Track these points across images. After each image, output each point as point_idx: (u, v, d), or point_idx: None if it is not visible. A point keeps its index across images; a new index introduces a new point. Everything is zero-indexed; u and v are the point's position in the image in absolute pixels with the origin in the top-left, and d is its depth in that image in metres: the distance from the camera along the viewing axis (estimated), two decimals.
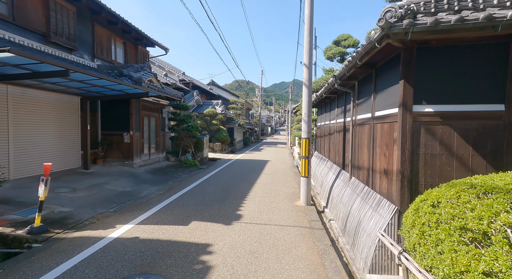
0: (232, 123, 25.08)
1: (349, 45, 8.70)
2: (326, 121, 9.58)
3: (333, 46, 8.88)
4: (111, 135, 10.12)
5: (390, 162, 3.72)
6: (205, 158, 15.84)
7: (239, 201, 6.63)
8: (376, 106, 4.39)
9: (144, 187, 7.84)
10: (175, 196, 6.95)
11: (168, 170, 10.82)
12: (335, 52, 8.72)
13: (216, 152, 19.69)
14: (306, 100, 6.62)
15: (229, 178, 9.75)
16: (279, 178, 10.12)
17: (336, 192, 6.19)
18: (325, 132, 9.79)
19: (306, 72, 6.62)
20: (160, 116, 12.16)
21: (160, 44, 14.55)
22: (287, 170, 12.29)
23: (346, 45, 8.70)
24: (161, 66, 21.94)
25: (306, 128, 6.63)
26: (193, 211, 5.72)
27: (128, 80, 9.11)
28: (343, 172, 6.42)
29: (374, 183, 4.36)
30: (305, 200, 6.53)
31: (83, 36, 10.05)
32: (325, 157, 9.67)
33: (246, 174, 10.88)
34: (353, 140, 5.65)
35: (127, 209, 5.75)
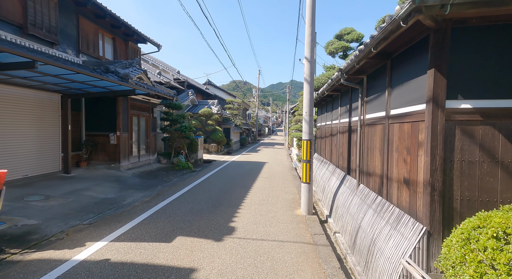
0: (229, 123, 24.37)
1: (352, 39, 8.05)
2: (328, 122, 8.92)
3: (335, 41, 8.22)
4: (96, 136, 9.38)
5: (413, 169, 3.05)
6: (199, 159, 15.12)
7: (233, 210, 5.93)
8: (392, 103, 3.72)
9: (129, 193, 7.12)
10: (162, 204, 6.24)
11: (158, 173, 10.09)
12: (337, 47, 8.06)
13: (211, 153, 18.97)
14: (308, 98, 5.95)
15: (223, 182, 9.05)
16: (277, 182, 9.44)
17: (341, 200, 5.52)
18: (326, 133, 9.13)
19: (307, 67, 5.95)
20: (151, 116, 11.43)
21: (152, 40, 13.82)
22: (285, 173, 11.61)
23: (350, 39, 8.05)
24: (155, 64, 21.18)
25: (308, 129, 5.95)
26: (180, 222, 5.02)
27: (114, 77, 8.39)
28: (349, 178, 5.76)
29: (390, 193, 3.69)
30: (307, 209, 5.85)
31: (66, 29, 9.30)
32: (326, 159, 9.01)
33: (242, 177, 10.19)
34: (361, 142, 4.98)
35: (104, 220, 5.03)
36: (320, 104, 10.57)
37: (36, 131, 7.52)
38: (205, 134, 19.52)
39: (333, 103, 8.15)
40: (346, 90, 6.45)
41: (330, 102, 8.62)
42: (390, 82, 3.80)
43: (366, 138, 4.81)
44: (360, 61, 4.05)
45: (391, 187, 3.67)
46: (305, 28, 6.06)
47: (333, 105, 8.15)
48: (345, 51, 8.30)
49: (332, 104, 8.25)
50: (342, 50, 8.19)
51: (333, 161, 7.94)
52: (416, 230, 2.80)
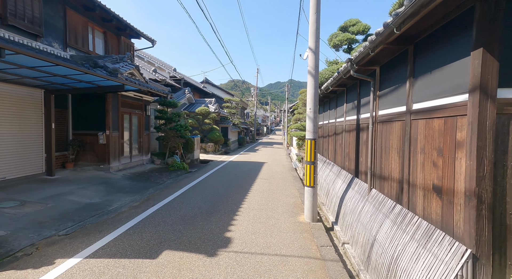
0: (226, 122, 23.78)
1: (358, 31, 7.47)
2: (331, 120, 8.36)
3: (340, 33, 7.64)
4: (84, 135, 8.76)
5: (448, 175, 2.48)
6: (195, 159, 14.52)
7: (229, 217, 5.35)
8: (415, 96, 3.15)
9: (117, 197, 6.52)
10: (151, 210, 5.65)
11: (151, 174, 9.49)
12: (342, 39, 7.48)
13: (208, 153, 18.37)
14: (312, 92, 5.37)
15: (220, 184, 8.47)
16: (277, 184, 8.87)
17: (349, 206, 4.95)
18: (329, 132, 8.57)
19: (311, 58, 5.37)
20: (143, 114, 10.81)
21: (145, 35, 13.20)
22: (285, 174, 11.04)
23: (355, 31, 7.47)
24: (150, 62, 20.53)
25: (312, 127, 5.38)
26: (169, 232, 4.43)
27: (102, 71, 7.78)
28: (358, 181, 5.19)
29: (412, 202, 3.13)
30: (311, 216, 5.28)
31: (52, 21, 8.67)
32: (330, 160, 8.45)
33: (240, 178, 9.61)
34: (373, 141, 4.41)
35: (83, 230, 4.43)
36: (322, 102, 10.01)
37: (15, 130, 6.89)
38: (202, 134, 18.92)
39: (337, 100, 7.59)
40: (353, 85, 5.88)
41: (333, 99, 8.05)
42: (412, 71, 3.23)
43: (379, 137, 4.25)
44: (376, 48, 3.48)
45: (414, 194, 3.10)
46: (305, 20, 5.48)
47: (337, 102, 7.58)
48: (350, 43, 7.72)
49: (336, 101, 7.68)
50: (347, 43, 7.61)
51: (337, 162, 7.38)
52: (456, 252, 2.23)
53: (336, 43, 7.68)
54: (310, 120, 5.39)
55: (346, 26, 7.58)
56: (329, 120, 8.68)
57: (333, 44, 7.76)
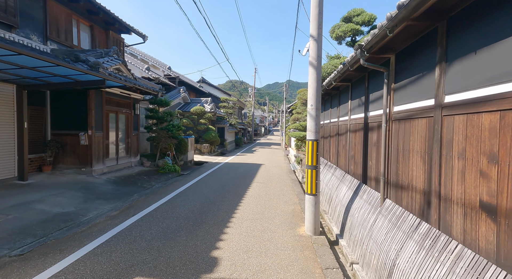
0: (223, 122, 23.05)
1: (363, 21, 6.78)
2: (333, 119, 7.66)
3: (343, 24, 6.95)
4: (64, 135, 8.00)
5: (510, 190, 1.79)
6: (189, 161, 13.78)
7: (218, 229, 4.63)
8: (448, 85, 2.46)
9: (94, 205, 5.78)
10: (130, 221, 4.91)
11: (138, 178, 8.74)
12: (345, 30, 6.79)
13: (203, 154, 17.63)
14: (314, 86, 4.67)
15: (212, 189, 7.74)
16: (274, 188, 8.15)
17: (357, 217, 4.25)
18: (331, 133, 7.87)
19: (314, 47, 4.67)
20: (132, 113, 10.07)
21: (136, 30, 12.46)
22: (283, 177, 10.34)
23: (360, 21, 6.77)
24: (144, 59, 19.77)
25: (314, 127, 4.67)
26: (145, 251, 3.70)
27: (83, 65, 7.05)
28: (366, 189, 4.48)
29: (446, 221, 2.42)
30: (312, 228, 4.57)
31: (30, 11, 7.92)
32: (332, 162, 7.75)
33: (235, 182, 8.88)
34: (387, 142, 3.72)
35: (43, 248, 3.70)
36: (323, 100, 9.32)
37: None
38: (197, 134, 18.19)
39: (340, 97, 6.89)
40: (360, 79, 5.18)
41: (336, 96, 7.36)
42: (444, 54, 2.53)
43: (394, 137, 3.55)
44: (396, 27, 2.78)
45: (447, 211, 2.41)
46: (305, 14, 4.78)
47: (340, 100, 6.89)
48: (354, 35, 7.03)
49: (338, 98, 6.98)
50: (351, 34, 6.92)
51: (340, 165, 6.68)
52: None
53: (339, 35, 6.98)
54: (311, 119, 4.69)
55: (350, 16, 6.89)
56: (330, 120, 7.99)
57: (335, 35, 7.07)
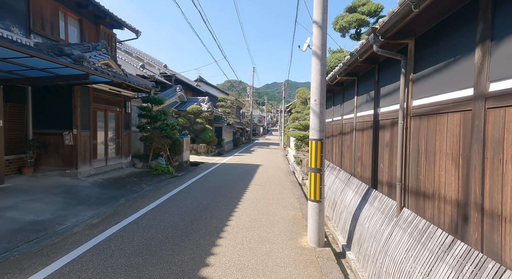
0: (221, 122, 22.49)
1: (369, 11, 6.25)
2: (336, 117, 7.14)
3: (346, 14, 6.41)
4: (47, 135, 7.42)
5: None
6: (185, 162, 13.22)
7: (210, 240, 4.08)
8: (495, 70, 1.92)
9: (75, 211, 5.21)
10: (111, 230, 4.36)
11: (128, 180, 8.17)
12: (350, 21, 6.24)
13: (200, 154, 17.06)
14: (318, 79, 4.12)
15: (206, 192, 7.19)
16: (273, 191, 7.61)
17: (368, 228, 3.71)
18: (334, 132, 7.34)
19: (318, 35, 4.12)
20: (122, 111, 9.49)
21: (128, 25, 11.88)
22: (282, 178, 9.80)
23: (365, 11, 6.25)
24: (139, 57, 19.18)
25: (318, 124, 4.14)
26: (121, 270, 3.14)
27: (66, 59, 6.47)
28: (378, 195, 3.95)
29: (494, 243, 1.89)
30: (316, 239, 4.03)
31: (10, 2, 7.34)
32: (335, 164, 7.22)
33: (231, 185, 8.33)
34: (405, 142, 3.18)
35: (2, 267, 3.13)
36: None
37: None
38: (193, 134, 17.62)
39: (344, 93, 6.36)
40: (368, 72, 4.65)
41: (339, 93, 6.83)
42: (488, 30, 1.99)
43: (414, 136, 3.01)
44: (424, 0, 2.24)
45: (496, 230, 1.87)
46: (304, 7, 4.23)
47: (344, 96, 6.36)
48: (359, 26, 6.48)
49: (342, 94, 6.45)
50: (356, 25, 6.38)
51: (345, 167, 6.15)
52: None
53: (343, 26, 6.44)
54: (315, 116, 4.15)
55: (355, 6, 6.35)
56: (333, 118, 7.46)
57: (339, 27, 6.53)
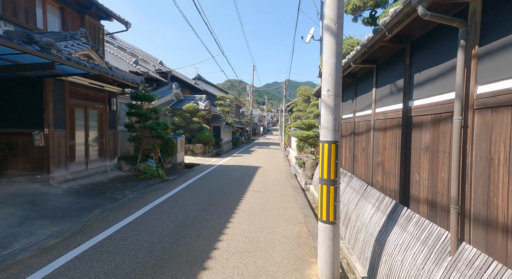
0: (219, 121, 21.51)
1: None
2: (346, 115, 6.15)
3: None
4: (14, 135, 6.44)
5: None
6: (179, 163, 12.24)
7: (191, 273, 3.10)
8: None
9: (32, 228, 4.24)
10: (66, 257, 3.38)
11: (110, 186, 7.19)
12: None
13: (196, 155, 16.08)
14: (332, 62, 3.12)
15: (196, 201, 6.21)
16: (274, 199, 6.62)
17: (402, 261, 2.72)
18: (344, 132, 6.36)
19: (332, 3, 3.10)
20: (107, 108, 8.51)
21: (117, 16, 10.90)
22: (283, 182, 8.81)
23: None
24: (133, 53, 18.18)
25: (332, 122, 3.14)
26: None
27: (34, 47, 5.49)
28: (413, 215, 2.94)
29: None
30: (330, 272, 3.04)
31: None
32: (344, 169, 6.23)
33: (226, 191, 7.35)
34: (466, 146, 2.19)
35: None
36: None
37: None
38: (189, 134, 16.64)
39: (357, 86, 5.37)
40: (394, 56, 3.65)
41: (350, 86, 5.84)
42: None
43: (483, 138, 2.02)
44: None
45: None
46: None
47: (357, 90, 5.36)
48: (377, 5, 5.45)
49: (355, 87, 5.45)
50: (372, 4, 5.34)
51: (358, 173, 5.16)
52: None
53: (356, 6, 5.40)
54: (328, 111, 3.15)
55: None
56: (347, 115, 6.47)
57: (351, 7, 5.51)
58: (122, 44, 18.34)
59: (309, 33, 9.84)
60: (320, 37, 9.33)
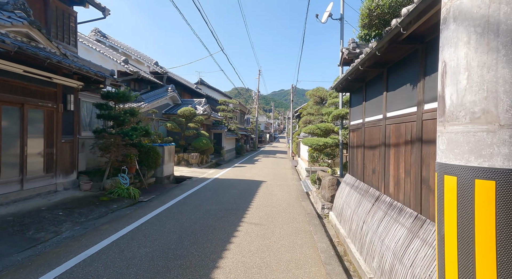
0: (220, 128, 19.30)
1: None
2: (377, 115, 3.80)
3: None
4: None
5: None
6: (166, 177, 9.98)
7: None
8: None
9: None
10: None
11: (46, 216, 4.94)
12: None
13: (191, 165, 13.82)
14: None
15: (158, 248, 3.88)
16: (279, 242, 4.24)
17: None
18: (375, 137, 3.97)
19: None
20: (59, 108, 6.36)
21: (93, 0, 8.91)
22: (293, 207, 6.42)
23: None
24: (126, 53, 16.29)
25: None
26: None
27: None
28: None
29: None
30: None
31: None
32: (375, 188, 3.80)
33: (210, 224, 5.00)
34: None
35: None
36: (353, 86, 5.48)
37: None
38: (184, 141, 14.44)
39: (387, 77, 3.04)
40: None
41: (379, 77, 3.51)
42: None
43: None
44: None
45: None
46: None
47: (388, 81, 3.01)
48: None
49: (385, 80, 3.10)
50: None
51: (399, 197, 2.75)
52: None
53: None
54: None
55: None
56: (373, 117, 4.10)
57: None
58: (115, 43, 16.49)
59: (326, 11, 7.52)
60: (341, 15, 7.03)
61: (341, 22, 6.94)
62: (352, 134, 6.07)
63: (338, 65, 6.54)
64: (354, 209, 4.71)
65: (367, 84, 4.98)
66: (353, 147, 5.97)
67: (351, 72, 4.62)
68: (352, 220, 4.61)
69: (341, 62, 6.39)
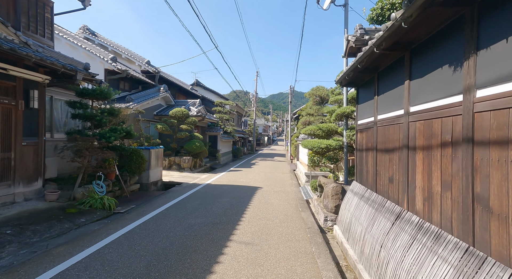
0: (216, 130, 18.40)
1: None
2: (395, 111, 2.92)
3: None
4: None
5: None
6: (153, 183, 9.05)
7: None
8: None
9: None
10: None
11: None
12: None
13: (183, 169, 12.88)
14: None
15: (125, 276, 2.96)
16: (274, 269, 3.32)
17: None
18: (390, 139, 3.07)
19: None
20: (19, 105, 5.45)
21: None
22: (292, 219, 5.50)
23: None
24: (116, 51, 15.40)
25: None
26: None
27: None
28: None
29: None
30: None
31: None
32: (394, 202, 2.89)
33: (190, 245, 4.08)
34: None
35: None
36: (362, 78, 4.61)
37: None
38: (176, 144, 13.52)
39: (410, 61, 2.17)
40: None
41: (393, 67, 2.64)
42: None
43: None
44: None
45: None
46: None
47: (416, 65, 2.13)
48: None
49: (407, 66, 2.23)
50: None
51: (432, 217, 1.84)
52: None
53: None
54: None
55: None
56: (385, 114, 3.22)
57: None
58: (104, 41, 15.62)
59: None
60: (345, 1, 6.17)
61: (345, 8, 6.08)
62: (360, 135, 5.17)
63: (343, 56, 5.67)
64: (366, 226, 3.79)
65: (380, 75, 4.10)
66: (361, 150, 5.07)
67: (361, 59, 3.73)
68: (365, 240, 3.69)
69: (346, 53, 5.51)
